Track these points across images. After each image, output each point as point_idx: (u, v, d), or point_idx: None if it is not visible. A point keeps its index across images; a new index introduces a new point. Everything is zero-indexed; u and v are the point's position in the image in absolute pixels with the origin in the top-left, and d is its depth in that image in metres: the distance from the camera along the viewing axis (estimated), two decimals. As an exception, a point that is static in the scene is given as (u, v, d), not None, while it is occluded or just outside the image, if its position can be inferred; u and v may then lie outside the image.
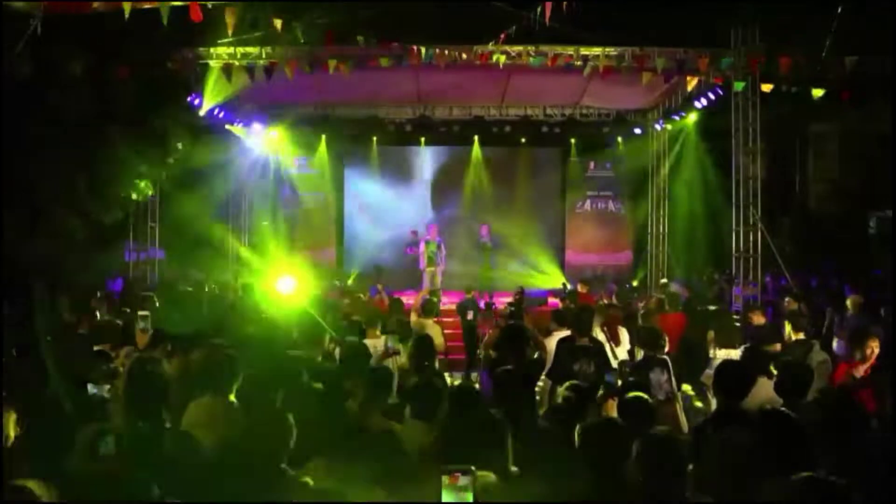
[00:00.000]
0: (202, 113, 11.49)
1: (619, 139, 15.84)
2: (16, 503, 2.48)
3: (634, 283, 15.25)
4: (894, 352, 5.67)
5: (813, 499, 2.48)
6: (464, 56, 10.45)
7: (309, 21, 9.54)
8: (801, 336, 6.43)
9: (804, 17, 10.59)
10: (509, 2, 9.13)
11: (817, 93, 10.02)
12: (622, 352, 7.08)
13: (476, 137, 15.93)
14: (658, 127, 14.92)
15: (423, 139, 16.02)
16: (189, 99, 11.21)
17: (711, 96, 11.80)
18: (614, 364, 6.12)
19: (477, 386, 6.36)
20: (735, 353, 7.12)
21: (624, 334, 7.47)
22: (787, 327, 6.54)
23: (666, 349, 6.17)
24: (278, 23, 9.06)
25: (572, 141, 16.09)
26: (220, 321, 7.29)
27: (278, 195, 16.14)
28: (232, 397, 4.08)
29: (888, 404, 4.20)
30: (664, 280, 13.54)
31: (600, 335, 6.92)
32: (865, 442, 3.19)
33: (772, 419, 3.26)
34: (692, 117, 13.50)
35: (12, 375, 4.65)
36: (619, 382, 4.83)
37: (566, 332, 6.62)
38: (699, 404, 7.35)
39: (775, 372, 4.71)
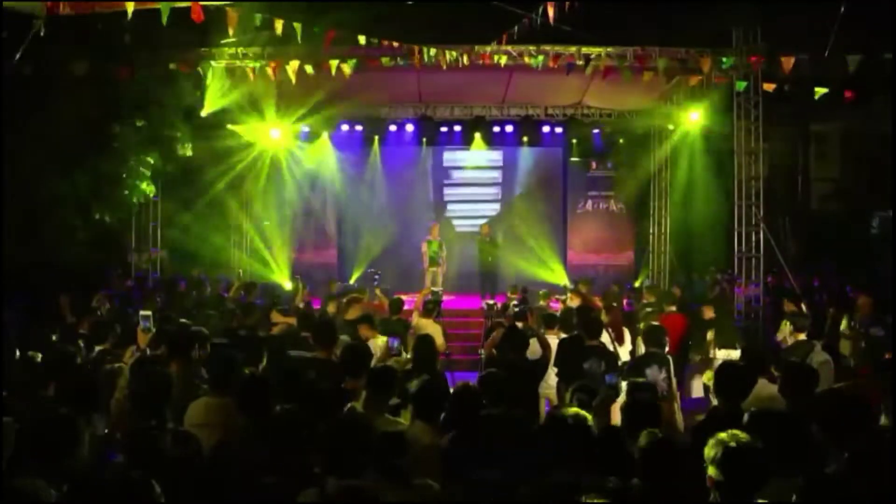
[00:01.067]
0: (204, 113, 11.48)
1: (620, 139, 15.81)
2: (16, 503, 2.48)
3: (636, 284, 15.21)
4: (895, 353, 5.68)
5: (820, 497, 2.48)
6: (465, 56, 10.45)
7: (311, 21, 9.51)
8: (803, 336, 6.42)
9: (805, 16, 10.59)
10: (511, 2, 9.11)
11: (819, 92, 10.00)
12: (624, 352, 7.09)
13: (477, 136, 15.90)
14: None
15: (424, 139, 16.00)
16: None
17: (713, 96, 11.78)
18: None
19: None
20: (735, 354, 7.13)
21: (627, 335, 7.48)
22: (788, 327, 6.53)
23: (667, 349, 6.16)
24: (279, 24, 9.05)
25: (573, 141, 16.08)
26: (221, 320, 7.28)
27: (279, 195, 16.09)
28: (231, 397, 4.08)
29: (891, 403, 4.19)
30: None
31: (604, 336, 6.93)
32: (871, 440, 3.18)
33: (771, 419, 3.25)
34: (693, 117, 13.46)
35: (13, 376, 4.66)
36: (622, 384, 4.81)
37: (556, 335, 6.64)
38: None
39: (777, 374, 4.70)
